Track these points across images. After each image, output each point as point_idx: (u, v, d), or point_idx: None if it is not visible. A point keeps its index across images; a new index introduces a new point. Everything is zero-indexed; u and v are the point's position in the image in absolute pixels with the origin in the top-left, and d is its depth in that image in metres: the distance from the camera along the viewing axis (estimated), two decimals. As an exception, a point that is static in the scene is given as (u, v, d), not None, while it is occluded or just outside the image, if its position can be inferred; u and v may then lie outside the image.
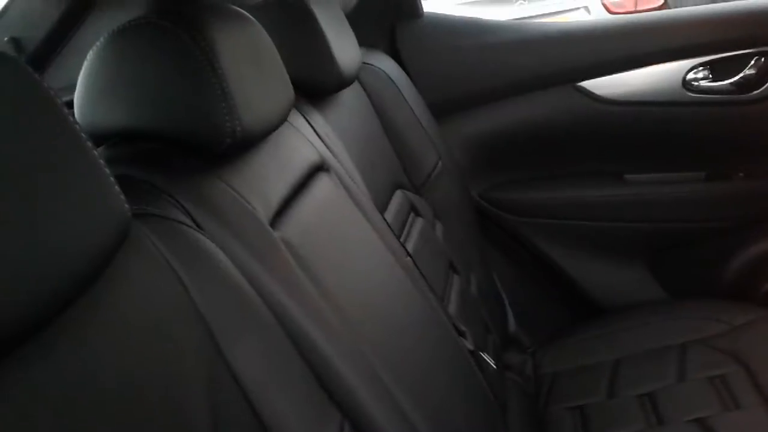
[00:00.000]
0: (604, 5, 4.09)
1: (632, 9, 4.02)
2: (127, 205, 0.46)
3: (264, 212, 0.66)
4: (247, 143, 0.65)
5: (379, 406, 0.63)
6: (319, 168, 0.85)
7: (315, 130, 0.91)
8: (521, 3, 4.02)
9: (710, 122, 1.47)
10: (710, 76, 1.46)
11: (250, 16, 0.74)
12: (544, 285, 1.64)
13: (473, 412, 0.85)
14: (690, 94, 1.46)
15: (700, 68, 1.46)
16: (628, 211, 1.56)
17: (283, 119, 0.73)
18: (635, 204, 1.56)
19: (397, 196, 1.21)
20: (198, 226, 0.59)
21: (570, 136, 1.56)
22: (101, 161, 0.45)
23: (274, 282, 0.60)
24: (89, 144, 0.44)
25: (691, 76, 1.46)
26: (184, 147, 0.63)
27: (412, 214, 1.21)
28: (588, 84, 1.52)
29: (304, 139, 0.85)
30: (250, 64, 0.68)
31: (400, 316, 0.80)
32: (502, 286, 1.51)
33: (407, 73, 1.49)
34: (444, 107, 1.54)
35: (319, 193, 0.81)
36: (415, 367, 0.74)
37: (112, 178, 0.45)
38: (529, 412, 1.24)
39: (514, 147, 1.59)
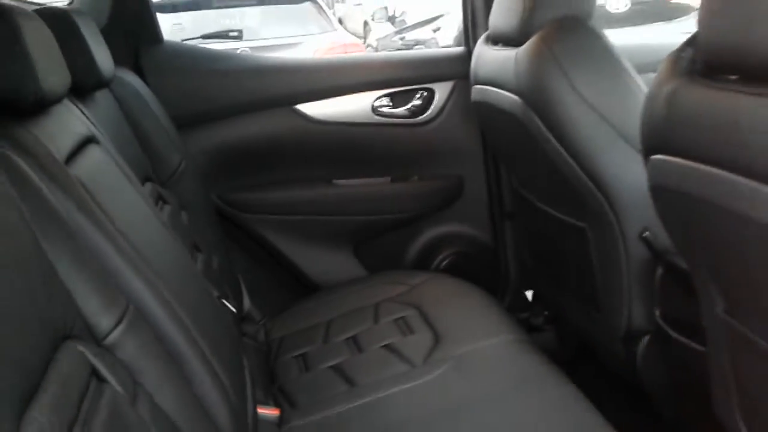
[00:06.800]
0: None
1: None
2: None
3: (59, 156, 0.87)
4: (44, 103, 0.86)
5: (154, 299, 0.87)
6: (91, 140, 1.05)
7: (86, 115, 1.13)
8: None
9: (392, 139, 1.92)
10: (391, 104, 1.91)
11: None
12: (272, 269, 1.95)
13: (221, 329, 1.11)
14: (377, 117, 1.90)
15: (384, 98, 1.90)
16: (336, 207, 1.95)
17: (65, 94, 0.95)
18: (341, 202, 1.95)
19: (146, 187, 1.41)
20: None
21: (290, 149, 1.89)
22: None
23: (73, 205, 0.82)
24: None
25: (377, 103, 1.90)
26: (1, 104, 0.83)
27: (160, 202, 1.43)
28: (302, 107, 1.87)
29: (79, 119, 1.06)
30: (47, 47, 0.91)
31: (165, 245, 1.04)
32: (237, 271, 1.77)
33: (150, 88, 1.69)
34: (185, 120, 1.76)
35: (95, 156, 1.02)
36: (179, 280, 0.98)
37: None
38: (261, 366, 1.53)
39: (245, 157, 1.88)
